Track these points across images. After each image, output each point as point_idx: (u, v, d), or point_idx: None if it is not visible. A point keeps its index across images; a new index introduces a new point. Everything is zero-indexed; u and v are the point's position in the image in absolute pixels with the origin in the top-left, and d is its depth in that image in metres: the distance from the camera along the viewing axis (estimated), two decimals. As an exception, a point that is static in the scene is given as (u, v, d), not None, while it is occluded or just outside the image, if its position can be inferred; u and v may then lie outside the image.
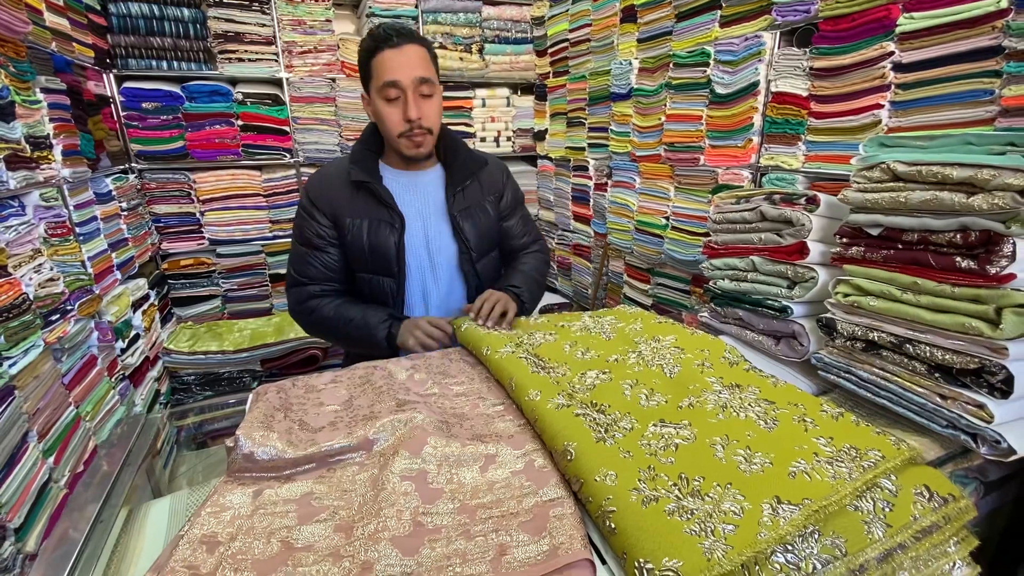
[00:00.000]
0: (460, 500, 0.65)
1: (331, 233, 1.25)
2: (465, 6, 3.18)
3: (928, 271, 0.85)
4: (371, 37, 1.14)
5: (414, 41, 1.14)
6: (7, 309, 1.38)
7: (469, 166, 1.31)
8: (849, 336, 0.97)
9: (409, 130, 1.17)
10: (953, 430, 0.82)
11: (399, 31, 1.13)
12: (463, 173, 1.30)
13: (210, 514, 0.64)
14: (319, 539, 0.60)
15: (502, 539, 0.59)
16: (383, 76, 1.12)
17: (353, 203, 1.23)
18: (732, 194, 1.27)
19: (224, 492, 0.68)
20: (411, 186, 1.28)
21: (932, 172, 0.83)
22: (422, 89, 1.15)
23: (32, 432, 1.44)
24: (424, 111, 1.16)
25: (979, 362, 0.79)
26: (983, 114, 1.28)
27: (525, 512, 0.63)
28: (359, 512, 0.64)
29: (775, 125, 1.80)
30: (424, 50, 1.16)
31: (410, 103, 1.14)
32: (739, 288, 1.21)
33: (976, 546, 0.67)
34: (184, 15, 2.59)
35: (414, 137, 1.19)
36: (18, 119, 1.58)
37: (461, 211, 1.28)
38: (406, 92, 1.13)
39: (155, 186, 2.75)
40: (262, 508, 0.65)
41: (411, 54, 1.12)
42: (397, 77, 1.12)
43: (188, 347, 2.61)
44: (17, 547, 1.30)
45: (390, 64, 1.11)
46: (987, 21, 1.23)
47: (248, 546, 0.59)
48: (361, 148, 1.29)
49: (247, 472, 0.72)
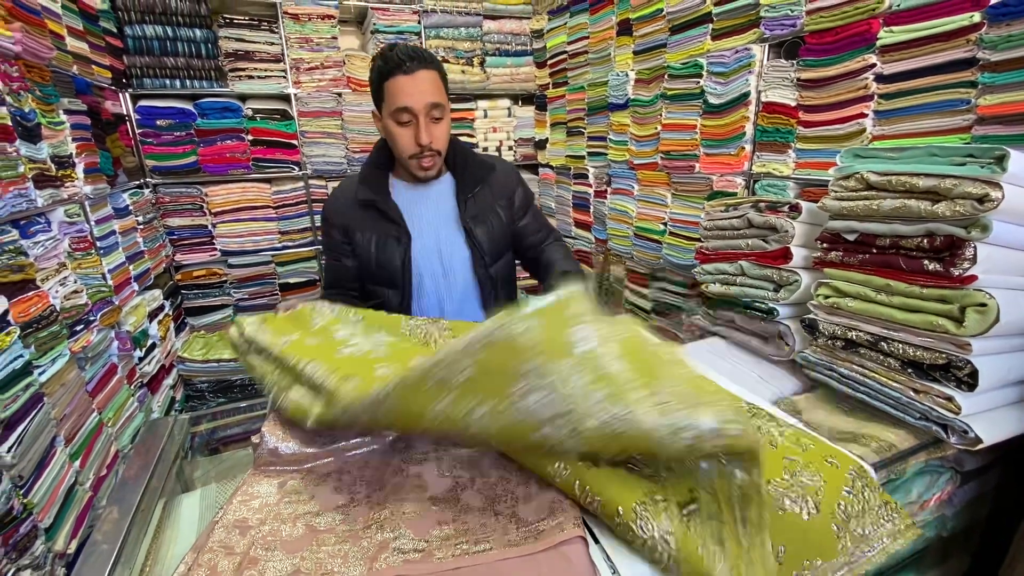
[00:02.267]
0: (465, 485, 0.72)
1: (345, 247, 1.33)
2: (466, 21, 3.27)
3: (899, 273, 0.91)
4: (384, 60, 1.14)
5: (426, 66, 1.14)
6: (36, 320, 1.46)
7: (478, 173, 1.32)
8: (830, 335, 1.03)
9: (420, 153, 1.20)
10: (925, 421, 0.88)
11: (412, 55, 1.13)
12: (472, 180, 1.31)
13: (241, 502, 0.71)
14: (339, 523, 0.67)
15: (504, 522, 0.66)
16: (395, 102, 1.14)
17: (363, 219, 1.29)
18: (722, 202, 1.34)
19: (252, 483, 0.75)
20: (422, 198, 1.32)
21: (901, 181, 0.90)
22: (433, 114, 1.17)
23: (60, 437, 1.51)
24: (435, 135, 1.19)
25: (947, 358, 0.85)
26: (960, 122, 1.34)
27: (524, 496, 0.69)
28: (375, 499, 0.70)
29: (766, 134, 1.87)
30: (436, 74, 1.17)
31: (422, 129, 1.16)
32: (729, 291, 1.28)
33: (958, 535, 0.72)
34: (196, 35, 2.69)
35: (423, 160, 1.22)
36: (44, 140, 1.67)
37: (472, 218, 1.29)
38: (418, 117, 1.15)
39: (169, 200, 2.84)
40: (287, 497, 0.72)
41: (423, 80, 1.13)
42: (409, 104, 1.13)
43: (201, 355, 2.69)
44: (47, 546, 1.37)
45: (403, 90, 1.13)
46: (962, 34, 1.30)
47: (276, 529, 0.66)
48: (370, 166, 1.34)
49: (272, 466, 0.79)
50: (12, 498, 1.25)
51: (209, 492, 0.86)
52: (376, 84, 1.18)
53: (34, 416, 1.39)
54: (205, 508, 0.82)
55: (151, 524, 0.77)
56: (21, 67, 1.59)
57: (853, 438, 0.90)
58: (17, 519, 1.25)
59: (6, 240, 1.42)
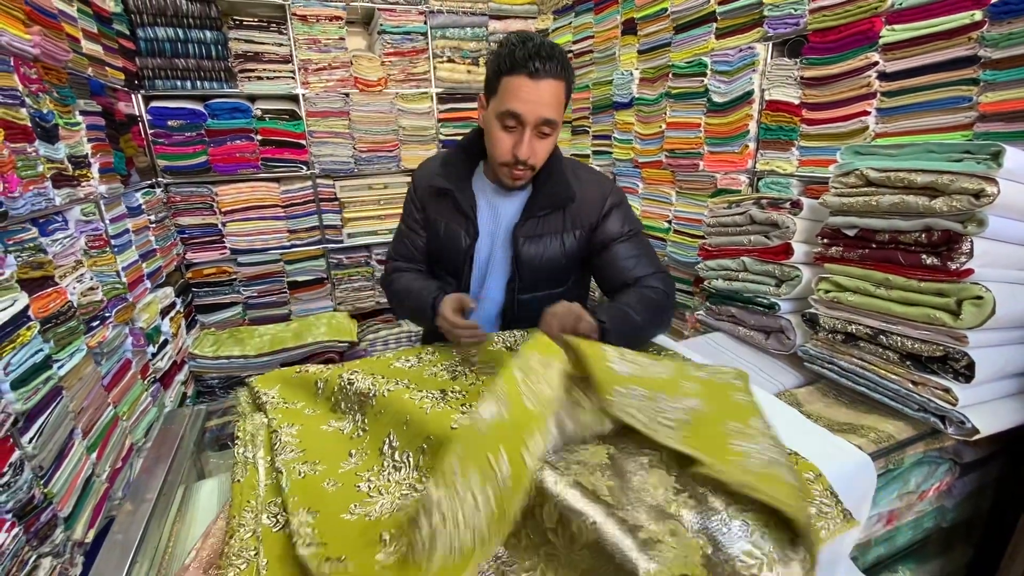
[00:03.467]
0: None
1: (419, 221, 1.27)
2: (472, 21, 3.30)
3: (898, 268, 0.93)
4: (509, 49, 0.99)
5: (556, 75, 0.99)
6: (56, 316, 1.50)
7: (556, 194, 1.16)
8: (831, 329, 1.05)
9: (514, 162, 1.07)
10: (924, 413, 0.90)
11: (543, 54, 0.97)
12: (546, 201, 1.16)
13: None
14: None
15: None
16: (507, 103, 1.00)
17: (438, 201, 1.22)
18: (724, 199, 1.36)
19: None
20: (492, 201, 1.22)
21: (899, 178, 0.92)
22: (543, 129, 1.04)
23: (77, 429, 1.55)
24: (536, 151, 1.06)
25: (944, 350, 0.87)
26: (962, 119, 1.35)
27: None
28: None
29: (769, 132, 1.88)
30: (561, 85, 1.02)
31: (525, 141, 1.03)
32: (731, 287, 1.30)
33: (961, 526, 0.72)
34: (207, 37, 2.73)
35: (515, 171, 1.10)
36: (61, 140, 1.71)
37: (527, 236, 1.17)
38: (525, 128, 1.02)
39: (180, 199, 2.89)
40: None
41: (546, 90, 0.99)
42: (522, 111, 1.00)
43: (212, 352, 2.73)
44: (67, 535, 1.41)
45: (520, 95, 0.99)
46: (963, 32, 1.31)
47: None
48: (458, 151, 1.23)
49: None
50: (34, 487, 1.29)
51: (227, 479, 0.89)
52: (493, 73, 1.04)
53: (53, 408, 1.43)
54: (223, 494, 0.85)
55: (172, 509, 0.80)
56: (39, 69, 1.63)
57: (852, 429, 0.92)
58: (38, 507, 1.29)
59: (27, 238, 1.45)
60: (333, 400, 0.93)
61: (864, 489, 0.78)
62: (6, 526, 1.17)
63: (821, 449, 0.79)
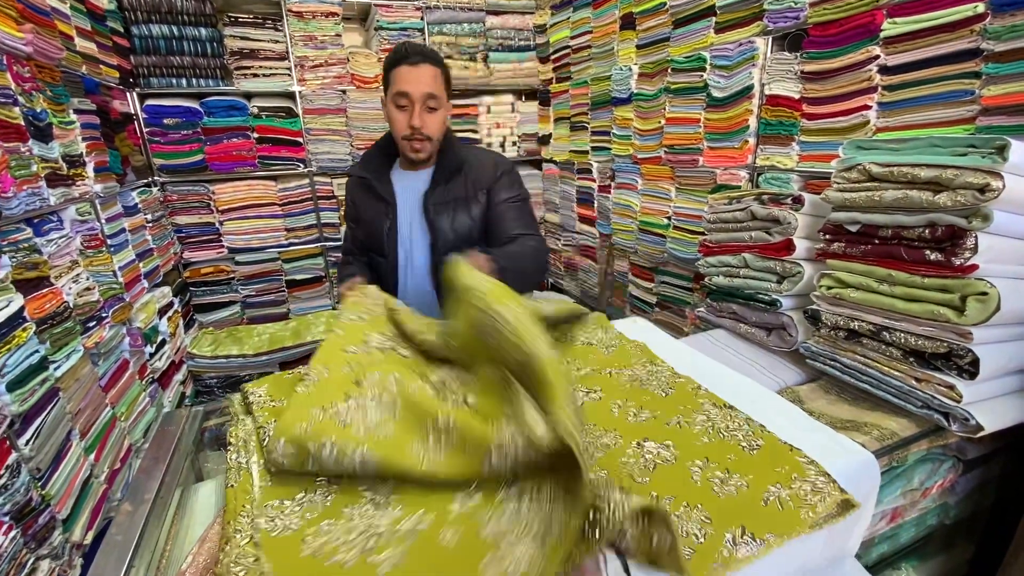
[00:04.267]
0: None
1: (353, 215, 1.50)
2: (469, 16, 3.28)
3: (901, 264, 0.92)
4: (395, 52, 1.29)
5: (430, 61, 1.27)
6: (51, 317, 1.49)
7: (450, 163, 1.39)
8: (833, 326, 1.04)
9: (411, 135, 1.31)
10: (927, 410, 0.90)
11: (419, 51, 1.27)
12: (444, 174, 1.38)
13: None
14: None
15: None
16: (397, 87, 1.27)
17: (364, 193, 1.45)
18: (725, 195, 1.35)
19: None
20: (407, 184, 1.42)
21: (903, 172, 0.91)
22: (428, 103, 1.28)
23: (75, 430, 1.54)
24: (426, 122, 1.30)
25: (948, 346, 0.86)
26: (964, 113, 1.34)
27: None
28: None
29: (769, 127, 1.87)
30: (438, 71, 1.29)
31: (415, 113, 1.27)
32: (732, 284, 1.29)
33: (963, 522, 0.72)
34: (202, 34, 2.71)
35: (414, 142, 1.32)
36: (55, 139, 1.70)
37: (436, 205, 1.37)
38: (414, 104, 1.27)
39: (177, 198, 2.87)
40: None
41: (424, 72, 1.26)
42: (408, 89, 1.26)
43: (210, 351, 2.72)
44: (65, 536, 1.40)
45: (405, 77, 1.26)
46: (966, 25, 1.30)
47: None
48: (375, 149, 1.47)
49: None
50: (31, 489, 1.28)
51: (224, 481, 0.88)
52: (385, 72, 1.32)
53: (50, 410, 1.42)
54: (221, 496, 0.84)
55: (169, 511, 0.79)
56: (32, 68, 1.61)
57: (855, 426, 0.91)
58: (36, 510, 1.28)
59: (21, 238, 1.44)
60: None
61: (868, 487, 0.77)
62: (3, 528, 1.16)
63: (824, 447, 0.78)
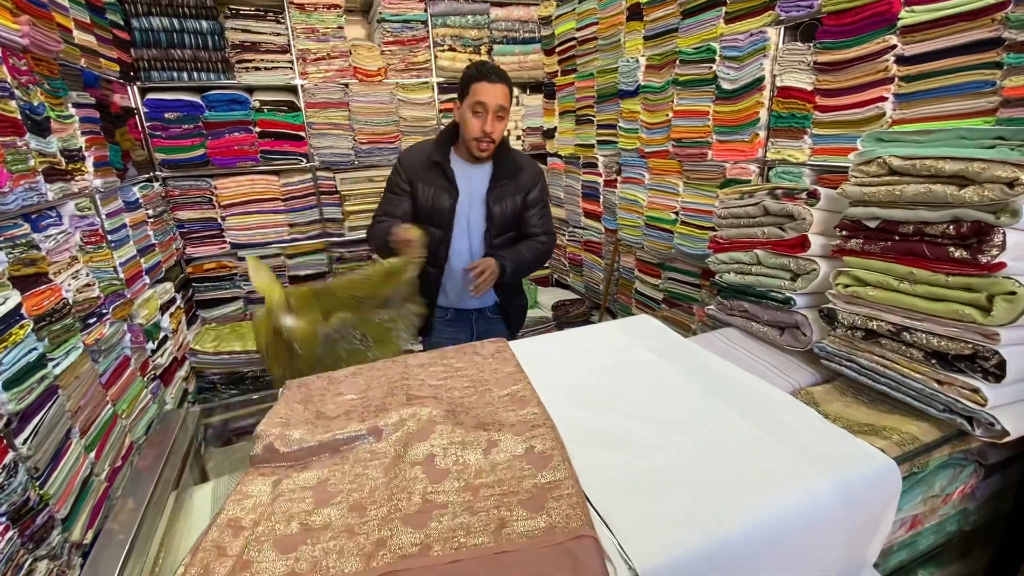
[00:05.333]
0: (465, 480, 0.71)
1: (405, 190, 1.74)
2: (473, 8, 3.23)
3: (923, 261, 0.88)
4: (477, 69, 1.59)
5: (504, 82, 1.59)
6: (50, 313, 1.47)
7: (510, 168, 1.73)
8: (849, 325, 1.00)
9: (482, 137, 1.60)
10: (950, 414, 0.86)
11: (497, 71, 1.58)
12: (504, 173, 1.72)
13: (234, 502, 0.70)
14: (335, 519, 0.66)
15: (503, 514, 0.64)
16: (476, 96, 1.56)
17: (427, 174, 1.70)
18: (736, 190, 1.31)
19: (247, 483, 0.74)
20: (469, 174, 1.72)
21: (926, 166, 0.86)
22: (499, 114, 1.59)
23: (75, 429, 1.53)
24: (496, 128, 1.61)
25: (973, 348, 0.82)
26: (985, 105, 1.30)
27: (525, 491, 0.68)
28: (371, 496, 0.69)
29: (781, 119, 1.83)
30: (508, 90, 1.60)
31: (489, 121, 1.58)
32: (744, 281, 1.25)
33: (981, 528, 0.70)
34: (203, 27, 2.68)
35: (482, 144, 1.62)
36: (53, 134, 1.67)
37: (495, 199, 1.72)
38: (488, 113, 1.57)
39: (178, 193, 2.85)
40: (281, 496, 0.71)
41: (500, 89, 1.57)
42: (486, 100, 1.55)
43: (213, 347, 2.71)
44: (64, 536, 1.39)
45: (484, 91, 1.55)
46: (987, 13, 1.25)
47: (270, 529, 0.65)
48: (443, 138, 1.74)
49: (267, 463, 0.78)
50: (28, 489, 1.26)
51: (222, 484, 0.86)
52: (465, 83, 1.60)
53: (49, 408, 1.40)
54: (217, 500, 0.82)
55: (164, 516, 0.77)
56: (29, 60, 1.58)
57: (873, 431, 0.88)
58: (34, 510, 1.26)
59: (18, 234, 1.42)
60: None
61: (888, 495, 0.74)
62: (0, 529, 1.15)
63: (843, 453, 0.75)
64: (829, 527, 0.66)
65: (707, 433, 0.79)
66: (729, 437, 0.77)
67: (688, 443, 0.77)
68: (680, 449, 0.75)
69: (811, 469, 0.69)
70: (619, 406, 0.87)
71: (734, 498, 0.65)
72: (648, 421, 0.82)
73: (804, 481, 0.68)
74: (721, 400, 0.86)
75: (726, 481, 0.68)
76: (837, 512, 0.66)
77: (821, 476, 0.69)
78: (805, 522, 0.64)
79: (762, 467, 0.70)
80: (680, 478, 0.70)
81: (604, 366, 1.05)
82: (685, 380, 0.95)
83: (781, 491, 0.66)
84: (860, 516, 0.69)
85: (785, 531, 0.63)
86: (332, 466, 0.76)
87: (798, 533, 0.64)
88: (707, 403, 0.87)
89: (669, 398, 0.89)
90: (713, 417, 0.82)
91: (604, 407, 0.88)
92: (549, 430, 0.80)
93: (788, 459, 0.72)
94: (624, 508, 0.65)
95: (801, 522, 0.64)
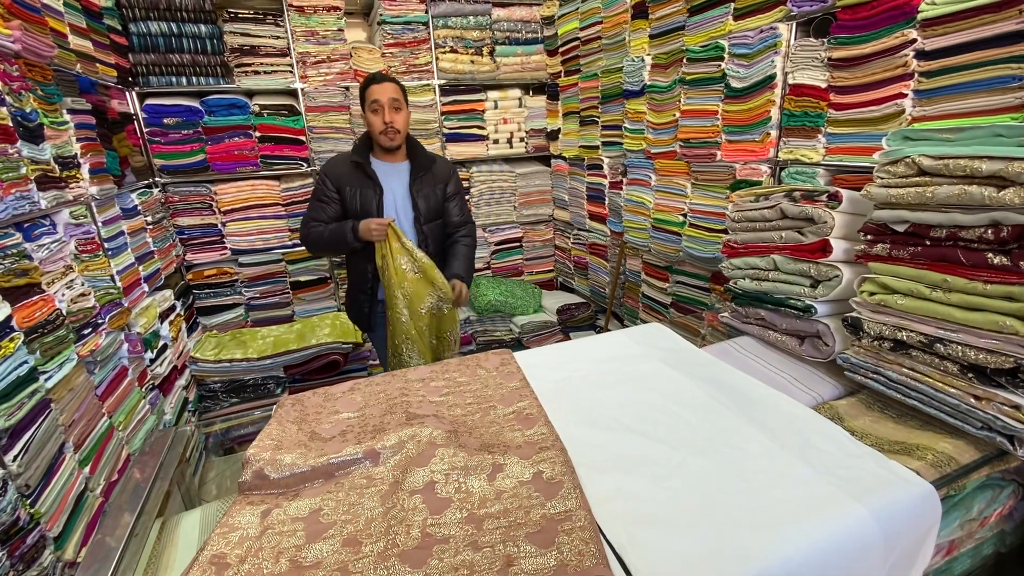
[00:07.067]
0: (468, 510, 0.66)
1: (334, 195, 1.94)
2: (475, 9, 3.18)
3: (958, 268, 0.83)
4: (366, 79, 1.89)
5: (391, 81, 1.88)
6: (42, 325, 1.43)
7: (425, 162, 2.00)
8: (876, 336, 0.94)
9: (385, 129, 1.87)
10: (988, 432, 0.80)
11: (384, 76, 1.88)
12: (421, 166, 1.99)
13: (220, 535, 0.65)
14: (328, 555, 0.61)
15: (509, 550, 0.59)
16: (372, 97, 1.85)
17: (351, 177, 1.92)
18: (751, 192, 1.26)
19: (233, 513, 0.69)
20: (389, 171, 1.97)
21: (960, 166, 0.81)
22: (394, 105, 1.86)
23: (68, 443, 1.48)
24: (395, 119, 1.87)
25: (1015, 362, 0.76)
26: (1012, 101, 1.23)
27: (532, 523, 0.63)
28: (367, 528, 0.64)
29: (793, 118, 1.77)
30: (397, 87, 1.88)
31: (387, 112, 1.85)
32: (760, 288, 1.19)
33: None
34: (201, 31, 2.65)
35: (388, 134, 1.88)
36: (47, 140, 1.63)
37: (418, 191, 1.97)
38: (384, 107, 1.84)
39: (178, 199, 2.82)
40: (270, 528, 0.66)
41: (388, 86, 1.85)
42: (379, 97, 1.84)
43: (214, 355, 2.66)
44: (56, 555, 1.34)
45: (376, 91, 1.84)
46: (1014, 5, 1.19)
47: (257, 567, 0.60)
48: (361, 145, 1.98)
49: (257, 490, 0.73)
50: (18, 508, 1.21)
51: (209, 510, 0.81)
52: (361, 94, 1.90)
53: (41, 423, 1.36)
54: (204, 528, 0.77)
55: (147, 545, 0.72)
56: (21, 66, 1.55)
57: (905, 449, 0.82)
58: (24, 530, 1.22)
59: (8, 244, 1.38)
60: None
61: (929, 524, 0.68)
62: (-13, 552, 1.10)
63: (877, 476, 0.69)
64: (868, 564, 0.60)
65: (732, 456, 0.73)
66: (756, 461, 0.71)
67: (712, 468, 0.71)
68: (703, 475, 0.70)
69: (846, 498, 0.63)
70: (634, 425, 0.81)
71: (764, 532, 0.60)
72: (667, 442, 0.76)
73: (840, 512, 0.62)
74: (744, 418, 0.81)
75: (754, 511, 0.62)
76: (876, 546, 0.60)
77: (858, 505, 0.63)
78: (843, 558, 0.58)
79: (793, 495, 0.65)
80: (704, 508, 0.64)
81: (616, 380, 0.99)
82: (704, 396, 0.89)
83: (815, 523, 0.61)
84: (899, 549, 0.63)
85: (820, 570, 0.57)
86: (326, 494, 0.71)
87: (836, 569, 0.58)
88: (730, 422, 0.81)
89: (688, 416, 0.84)
90: (737, 438, 0.76)
91: (617, 426, 0.83)
92: (558, 452, 0.74)
93: (821, 486, 0.66)
94: (642, 543, 0.59)
95: (839, 558, 0.58)
